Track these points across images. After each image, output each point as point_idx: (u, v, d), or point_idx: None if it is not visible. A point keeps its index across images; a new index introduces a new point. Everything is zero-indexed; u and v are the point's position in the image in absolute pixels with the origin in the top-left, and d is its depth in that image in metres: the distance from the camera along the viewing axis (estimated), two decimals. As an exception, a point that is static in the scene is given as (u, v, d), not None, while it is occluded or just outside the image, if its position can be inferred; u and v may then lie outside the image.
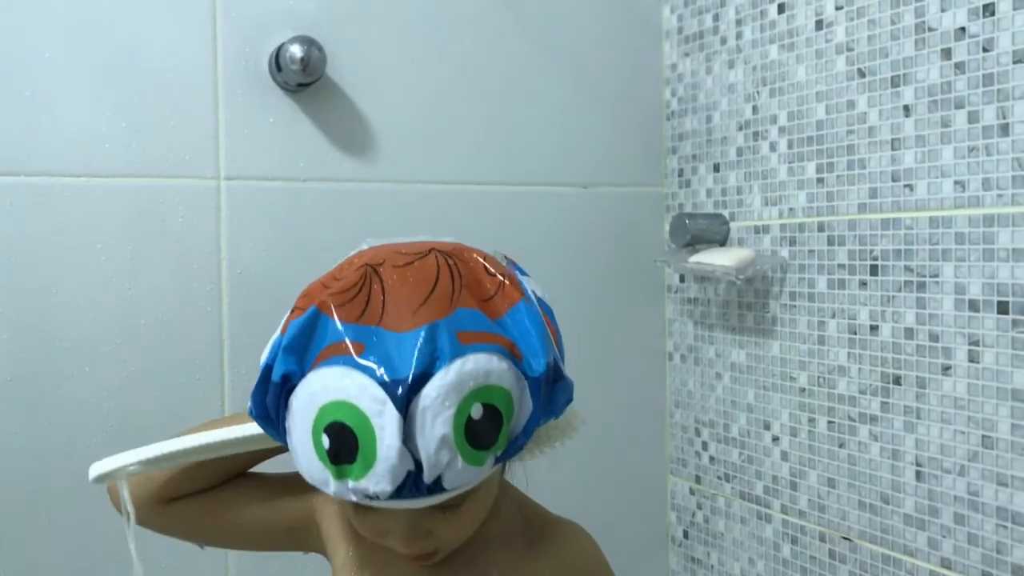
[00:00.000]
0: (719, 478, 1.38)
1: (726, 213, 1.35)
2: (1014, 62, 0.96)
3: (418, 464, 0.61)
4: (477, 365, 0.63)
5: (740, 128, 1.32)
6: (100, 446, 1.16)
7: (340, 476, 0.63)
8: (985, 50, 0.99)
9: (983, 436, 1.00)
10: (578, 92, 1.41)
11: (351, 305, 0.65)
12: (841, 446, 1.17)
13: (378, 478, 0.61)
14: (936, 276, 1.05)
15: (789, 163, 1.24)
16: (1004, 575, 0.98)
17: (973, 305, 1.01)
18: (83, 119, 1.15)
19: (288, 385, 0.65)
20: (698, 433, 1.42)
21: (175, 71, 1.19)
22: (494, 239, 1.36)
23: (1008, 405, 0.98)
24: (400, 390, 0.61)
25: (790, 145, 1.24)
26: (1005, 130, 0.97)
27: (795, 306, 1.24)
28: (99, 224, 1.16)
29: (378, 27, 1.29)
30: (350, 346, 0.63)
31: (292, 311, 0.67)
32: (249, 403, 0.68)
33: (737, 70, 1.33)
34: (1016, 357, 0.97)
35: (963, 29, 1.01)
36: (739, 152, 1.33)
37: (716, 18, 1.36)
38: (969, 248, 1.01)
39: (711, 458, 1.40)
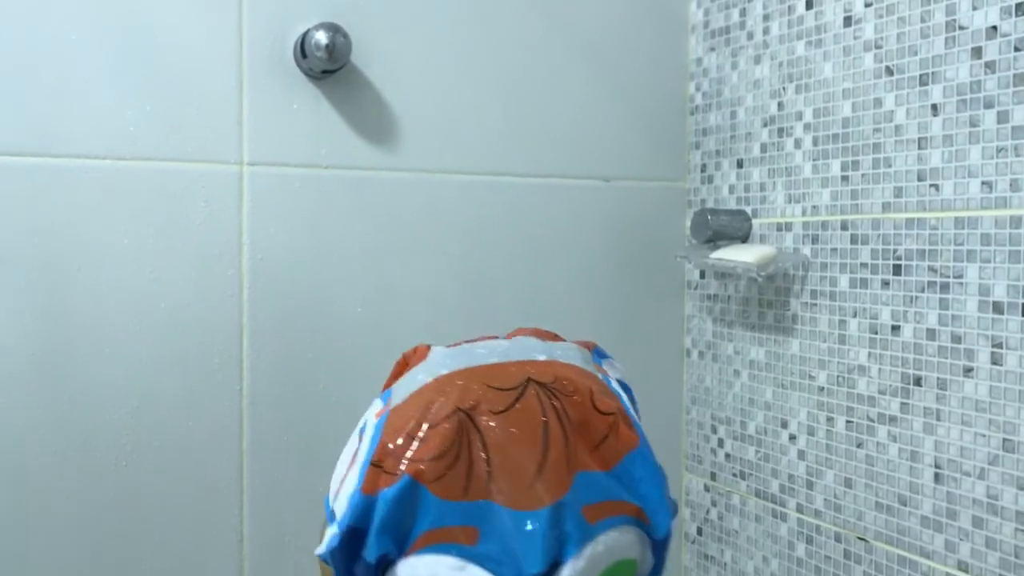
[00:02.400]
0: (734, 475, 1.38)
1: (749, 210, 1.34)
2: (1046, 62, 0.95)
3: None
4: (608, 546, 0.57)
5: (765, 124, 1.31)
6: (119, 427, 1.17)
7: None
8: (1017, 49, 0.98)
9: (1004, 439, 0.99)
10: (602, 85, 1.40)
11: (453, 475, 0.57)
12: (859, 446, 1.17)
13: None
14: (960, 277, 1.04)
15: (814, 160, 1.23)
16: (1022, 580, 0.97)
17: (997, 307, 1.00)
18: (108, 102, 1.16)
19: (384, 564, 0.59)
20: (714, 430, 1.42)
21: (200, 56, 1.19)
22: (515, 230, 1.36)
23: (1030, 409, 0.97)
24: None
25: (815, 142, 1.23)
26: (1035, 131, 0.96)
27: (816, 304, 1.23)
28: (122, 207, 1.17)
29: (404, 15, 1.29)
30: (460, 533, 0.56)
31: (374, 467, 0.59)
32: (324, 549, 0.61)
33: (763, 66, 1.32)
34: (1040, 360, 0.96)
35: (995, 28, 1.00)
36: (763, 148, 1.32)
37: (743, 13, 1.35)
38: (995, 249, 1.00)
39: (727, 455, 1.39)
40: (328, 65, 1.20)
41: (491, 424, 0.58)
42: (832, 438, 1.21)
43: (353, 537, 0.59)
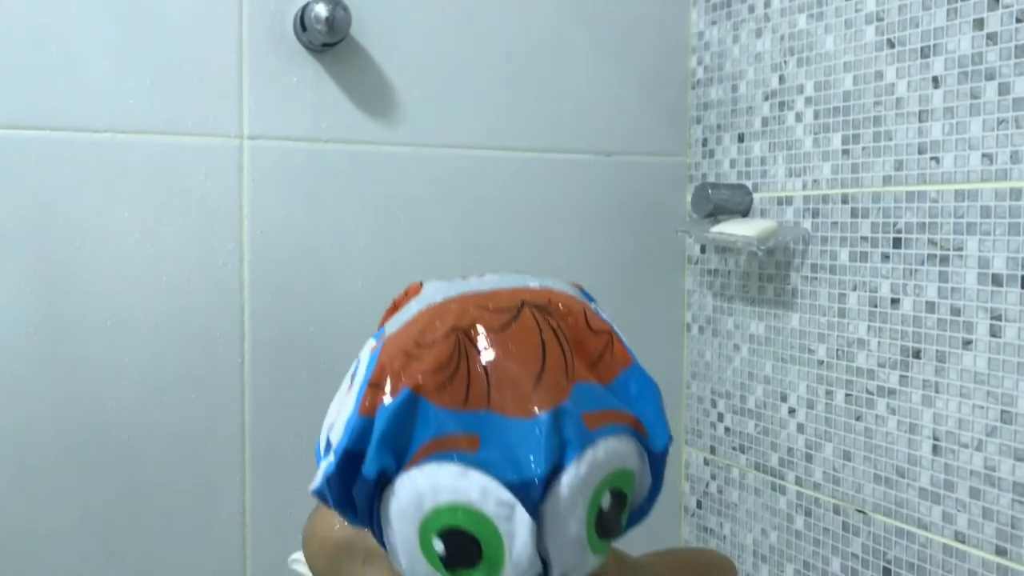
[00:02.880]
0: (734, 449, 1.38)
1: (749, 184, 1.34)
2: (1047, 33, 0.95)
3: (545, 563, 0.56)
4: (608, 453, 0.58)
5: (766, 98, 1.31)
6: (121, 400, 1.18)
7: None
8: (1018, 21, 0.98)
9: (1002, 411, 1.00)
10: (604, 59, 1.40)
11: (452, 387, 0.57)
12: (858, 419, 1.17)
13: None
14: (960, 250, 1.04)
15: (815, 134, 1.23)
16: (1018, 550, 0.98)
17: (996, 279, 1.00)
18: (109, 75, 1.16)
19: (384, 480, 0.58)
20: (714, 404, 1.42)
21: (200, 29, 1.19)
22: (516, 205, 1.36)
23: (1029, 380, 0.97)
24: (531, 492, 0.55)
25: (816, 116, 1.23)
26: (1036, 102, 0.96)
27: (816, 278, 1.23)
28: (123, 180, 1.17)
29: (403, -11, 1.28)
30: (461, 441, 0.56)
31: (372, 388, 0.58)
32: (318, 482, 0.61)
33: (764, 39, 1.31)
34: (1038, 332, 0.96)
35: (996, -1, 1.00)
36: (764, 122, 1.31)
37: (745, -14, 1.35)
38: (995, 222, 1.00)
39: (726, 429, 1.40)
40: (328, 38, 1.20)
41: (489, 340, 0.58)
42: (831, 411, 1.21)
43: (350, 461, 0.58)
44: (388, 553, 0.60)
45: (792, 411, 1.28)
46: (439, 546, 0.56)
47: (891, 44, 1.12)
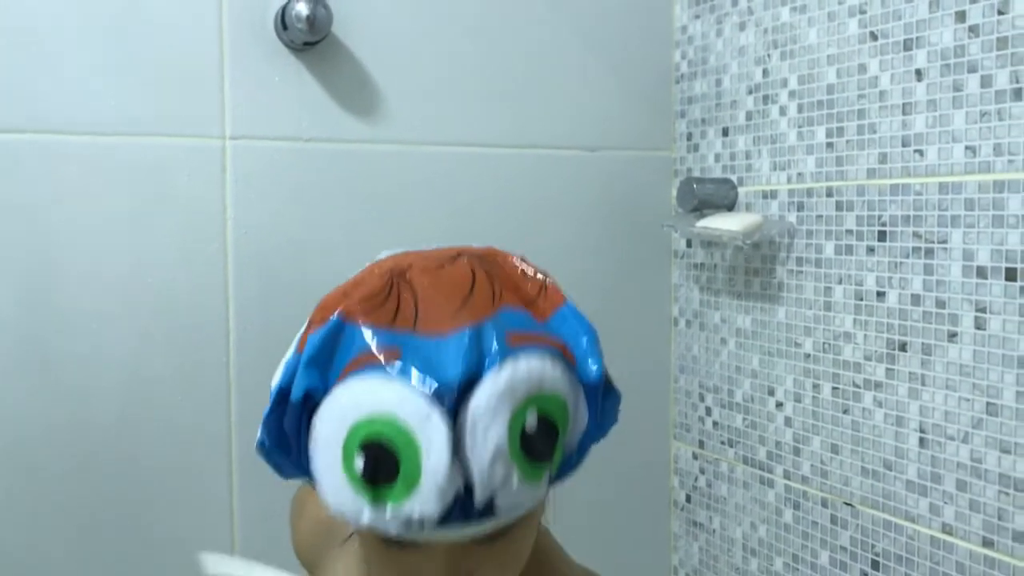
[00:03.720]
0: (722, 443, 1.38)
1: (734, 178, 1.34)
2: (1029, 25, 0.95)
3: (468, 484, 0.54)
4: (530, 368, 0.56)
5: (750, 92, 1.31)
6: (107, 401, 1.17)
7: (377, 501, 0.54)
8: (1000, 13, 0.98)
9: (988, 403, 1.00)
10: (587, 54, 1.39)
11: (380, 311, 0.57)
12: (845, 412, 1.17)
13: (424, 499, 0.53)
14: (944, 242, 1.04)
15: (799, 127, 1.23)
16: (1005, 541, 0.98)
17: (981, 272, 1.00)
18: (89, 77, 1.15)
19: (310, 403, 0.58)
20: (702, 398, 1.42)
21: (181, 30, 1.18)
22: (501, 202, 1.36)
23: (1014, 372, 0.97)
24: (447, 398, 0.53)
25: (800, 109, 1.23)
26: (1018, 95, 0.96)
27: (802, 272, 1.23)
28: (105, 182, 1.16)
29: (385, -14, 1.28)
30: (383, 354, 0.55)
31: (308, 325, 0.59)
32: (260, 433, 0.61)
33: (748, 32, 1.31)
34: (1023, 324, 0.96)
35: (978, -9, 1.00)
36: (748, 116, 1.31)
37: (727, -21, 1.34)
38: (979, 214, 1.00)
39: (715, 423, 1.40)
40: (309, 37, 1.19)
41: (421, 276, 0.60)
42: (818, 405, 1.21)
43: (283, 397, 0.59)
44: (318, 492, 0.59)
45: (779, 405, 1.28)
46: (359, 462, 0.55)
47: (874, 37, 1.12)
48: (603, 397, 0.61)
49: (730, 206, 1.33)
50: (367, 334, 0.57)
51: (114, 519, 1.18)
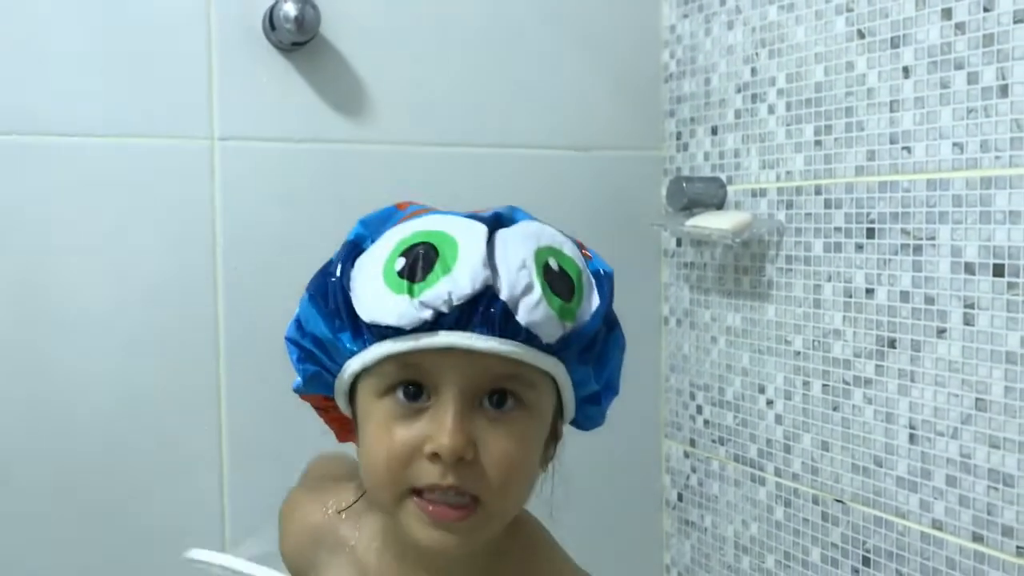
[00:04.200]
0: (713, 441, 1.39)
1: (724, 176, 1.34)
2: (1014, 22, 0.95)
3: (495, 291, 0.59)
4: (554, 232, 0.66)
5: (739, 90, 1.31)
6: (94, 405, 1.17)
7: (412, 293, 0.60)
8: (986, 10, 0.98)
9: (976, 399, 1.00)
10: (576, 54, 1.40)
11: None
12: (835, 409, 1.18)
13: (456, 279, 0.59)
14: (933, 239, 1.04)
15: (787, 125, 1.23)
16: (994, 536, 0.99)
17: (969, 268, 1.01)
18: (76, 78, 1.14)
19: (358, 250, 0.66)
20: (693, 397, 1.43)
21: (168, 30, 1.18)
22: (490, 201, 1.35)
23: (1002, 368, 0.98)
24: (488, 221, 0.63)
25: (788, 107, 1.23)
26: (1004, 91, 0.97)
27: (791, 270, 1.23)
28: (92, 184, 1.16)
29: (373, -14, 1.28)
30: (429, 209, 0.66)
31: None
32: (290, 328, 0.70)
33: (736, 31, 1.31)
34: (1010, 320, 0.97)
35: (964, -11, 1.00)
36: (737, 115, 1.32)
37: (715, -22, 1.35)
38: (966, 211, 1.01)
39: (706, 421, 1.40)
40: (297, 37, 1.19)
41: None
42: (808, 402, 1.22)
43: (328, 270, 0.67)
44: (357, 308, 0.63)
45: (770, 403, 1.28)
46: (400, 263, 0.61)
47: (861, 35, 1.12)
48: (611, 330, 0.67)
49: (719, 205, 1.33)
50: (415, 206, 0.68)
51: (100, 524, 1.18)
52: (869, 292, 1.12)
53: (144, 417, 1.19)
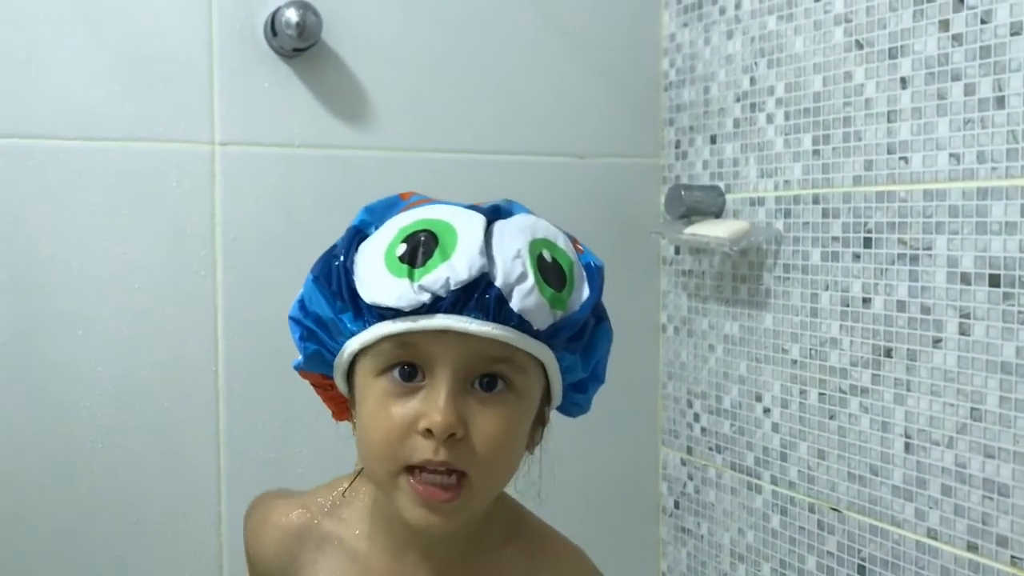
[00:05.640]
0: (710, 449, 1.39)
1: (722, 185, 1.34)
2: (1012, 34, 0.96)
3: (491, 278, 0.62)
4: (548, 225, 0.69)
5: (737, 99, 1.32)
6: (93, 410, 1.17)
7: (412, 277, 0.63)
8: (983, 22, 0.99)
9: (972, 408, 1.01)
10: (576, 61, 1.40)
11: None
12: (831, 418, 1.18)
13: (455, 265, 0.62)
14: (929, 249, 1.05)
15: (785, 135, 1.24)
16: (989, 545, 0.99)
17: (965, 278, 1.01)
18: (78, 82, 1.15)
19: (362, 235, 0.68)
20: (690, 404, 1.43)
21: (170, 35, 1.19)
22: (489, 208, 1.36)
23: (997, 377, 0.98)
24: (486, 211, 0.66)
25: (787, 117, 1.24)
26: (1001, 103, 0.97)
27: (789, 278, 1.24)
28: (93, 187, 1.16)
29: (375, -7, 1.28)
30: (431, 199, 0.69)
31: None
32: (293, 308, 0.72)
33: (735, 41, 1.32)
34: (1006, 330, 0.97)
35: (961, 0, 1.01)
36: (736, 124, 1.32)
37: (715, -12, 1.35)
38: (963, 221, 1.01)
39: (703, 429, 1.40)
40: (299, 43, 1.19)
41: None
42: (805, 410, 1.22)
43: (331, 254, 0.69)
44: (360, 289, 0.66)
45: (767, 411, 1.28)
46: (401, 248, 0.64)
47: (859, 45, 1.13)
48: (600, 321, 0.70)
49: (718, 213, 1.34)
50: (417, 197, 0.71)
51: (98, 531, 1.18)
52: (866, 301, 1.13)
53: (143, 418, 1.19)
